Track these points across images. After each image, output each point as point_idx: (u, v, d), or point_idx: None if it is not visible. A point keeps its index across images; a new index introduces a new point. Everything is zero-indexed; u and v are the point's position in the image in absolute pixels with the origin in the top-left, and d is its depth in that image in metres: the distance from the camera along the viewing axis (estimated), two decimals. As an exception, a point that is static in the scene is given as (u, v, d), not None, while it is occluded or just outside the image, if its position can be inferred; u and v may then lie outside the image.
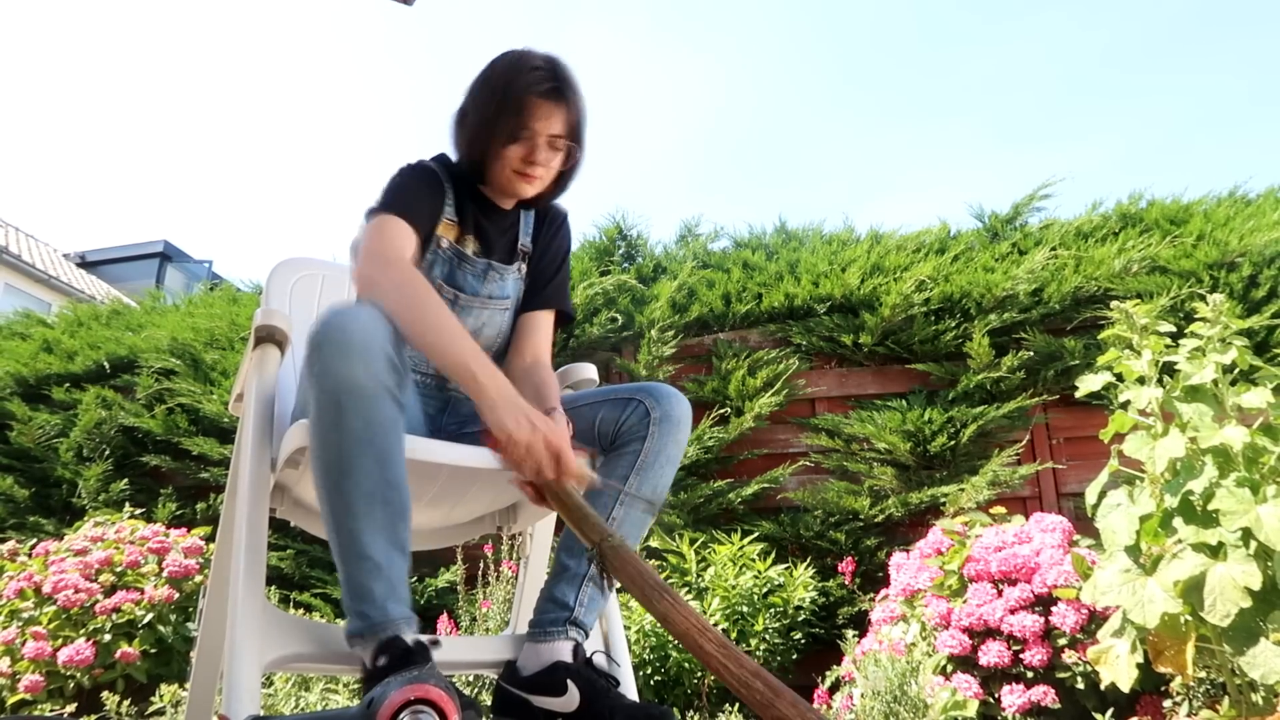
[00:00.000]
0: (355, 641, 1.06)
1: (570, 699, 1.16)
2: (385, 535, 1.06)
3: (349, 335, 1.04)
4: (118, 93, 73.34)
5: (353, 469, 1.05)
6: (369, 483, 1.05)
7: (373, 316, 1.08)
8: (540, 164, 1.33)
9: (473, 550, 2.93)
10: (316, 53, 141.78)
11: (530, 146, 1.32)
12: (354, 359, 1.03)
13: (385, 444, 1.06)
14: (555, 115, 1.32)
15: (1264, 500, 1.64)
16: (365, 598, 1.05)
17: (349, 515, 1.05)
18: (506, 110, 1.30)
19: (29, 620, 2.76)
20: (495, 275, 1.42)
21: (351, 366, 1.03)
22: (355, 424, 1.04)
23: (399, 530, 1.07)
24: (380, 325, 1.07)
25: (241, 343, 3.92)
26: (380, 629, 1.04)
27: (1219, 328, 1.88)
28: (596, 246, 3.99)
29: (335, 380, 1.03)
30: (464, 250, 1.39)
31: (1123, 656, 1.82)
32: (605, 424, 1.30)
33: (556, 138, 1.33)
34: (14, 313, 4.88)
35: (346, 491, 1.05)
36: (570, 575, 1.26)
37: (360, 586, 1.05)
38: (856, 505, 3.24)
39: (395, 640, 1.03)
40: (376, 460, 1.05)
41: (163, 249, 17.52)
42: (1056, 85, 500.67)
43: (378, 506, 1.05)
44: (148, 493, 3.81)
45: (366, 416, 1.04)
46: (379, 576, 1.05)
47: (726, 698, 2.64)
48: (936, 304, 3.49)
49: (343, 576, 1.08)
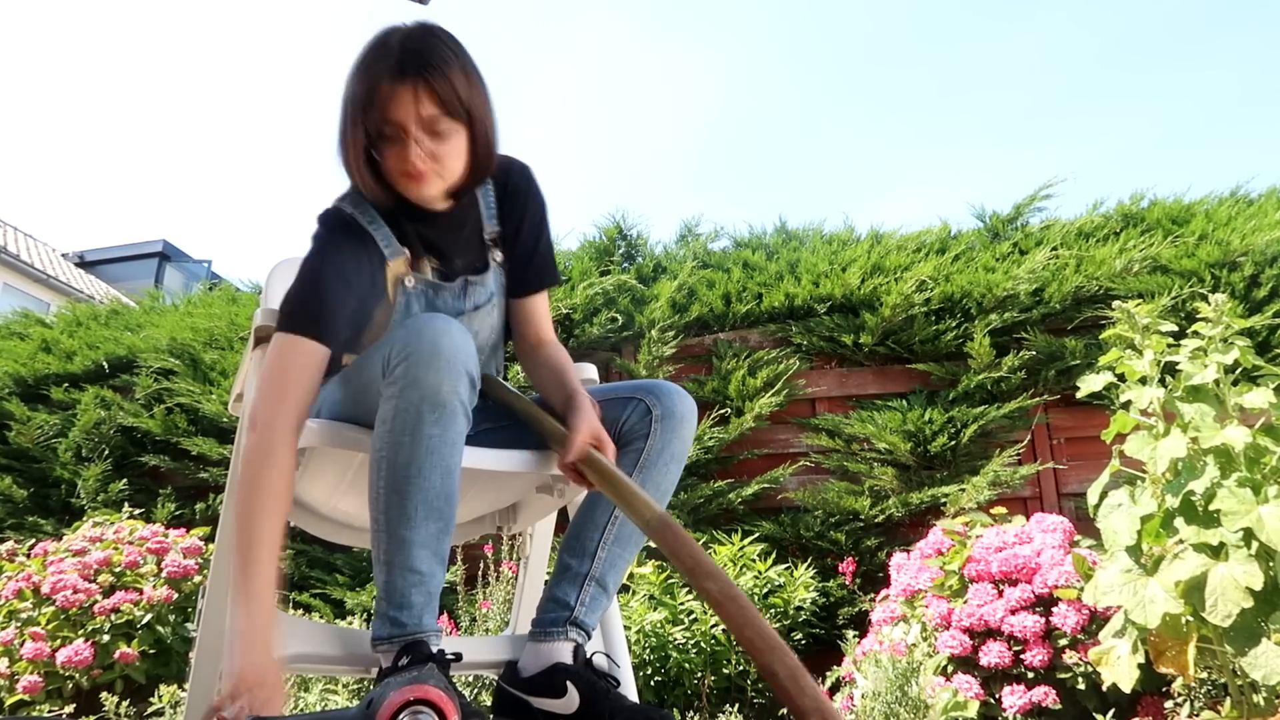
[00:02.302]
0: (382, 645, 1.07)
1: (570, 701, 1.15)
2: (433, 547, 1.08)
3: (439, 348, 1.05)
4: (117, 92, 73.33)
5: (420, 478, 1.06)
6: (432, 494, 1.07)
7: (462, 332, 1.09)
8: (424, 155, 1.14)
9: (473, 550, 2.93)
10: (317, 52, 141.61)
11: (399, 141, 1.14)
12: (442, 371, 1.05)
13: (452, 458, 1.09)
14: (416, 95, 1.11)
15: (1265, 500, 1.64)
16: (404, 606, 1.07)
17: (405, 524, 1.07)
18: (360, 109, 1.14)
19: (27, 621, 2.75)
20: (474, 286, 1.32)
21: (439, 377, 1.05)
22: (433, 434, 1.06)
23: (443, 543, 1.10)
24: (466, 341, 1.09)
25: (241, 342, 3.92)
26: (413, 639, 1.06)
27: (1221, 327, 1.87)
28: (596, 246, 3.98)
29: (421, 390, 1.05)
30: (429, 279, 1.28)
31: (1124, 657, 1.82)
32: (607, 423, 1.28)
33: (432, 118, 1.13)
34: (12, 312, 4.87)
35: (408, 500, 1.06)
36: (573, 575, 1.26)
37: (400, 594, 1.07)
38: (857, 505, 3.23)
39: (421, 644, 1.05)
40: (442, 473, 1.08)
41: (162, 249, 17.50)
42: (1057, 84, 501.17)
43: (433, 519, 1.08)
44: (147, 493, 3.81)
45: (445, 428, 1.07)
46: (421, 588, 1.08)
47: (726, 698, 2.64)
48: (937, 304, 3.49)
49: (382, 579, 1.09)
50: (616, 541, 1.26)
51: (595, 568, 1.25)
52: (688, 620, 2.66)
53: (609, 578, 1.26)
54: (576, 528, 1.29)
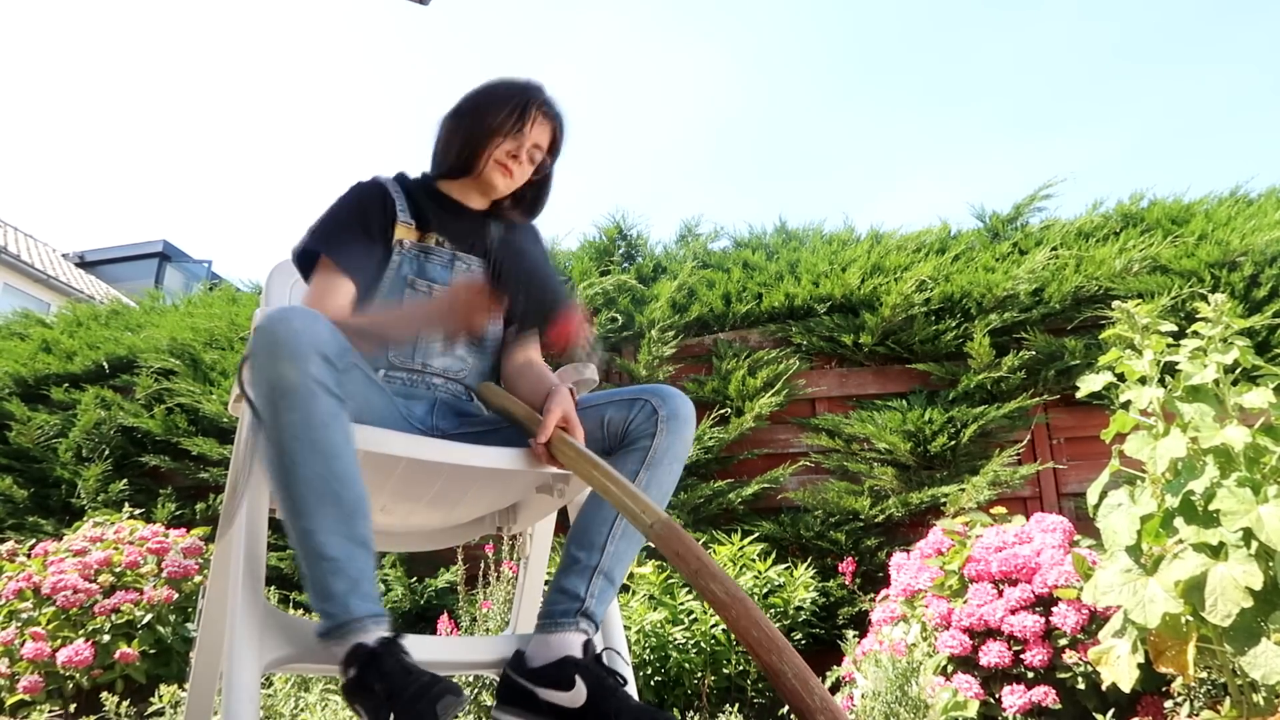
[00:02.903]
0: (325, 641, 1.06)
1: (577, 694, 1.15)
2: (341, 532, 1.06)
3: (276, 336, 1.06)
4: (117, 92, 73.34)
5: (296, 467, 1.05)
6: (316, 480, 1.05)
7: (304, 316, 1.09)
8: (521, 161, 1.46)
9: (473, 550, 2.92)
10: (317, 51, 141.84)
11: (518, 144, 1.45)
12: (281, 357, 1.05)
13: (327, 439, 1.06)
14: (545, 130, 1.49)
15: (1265, 500, 1.64)
16: (327, 596, 1.05)
17: (300, 515, 1.05)
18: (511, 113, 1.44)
19: (28, 621, 2.76)
20: (462, 265, 1.46)
21: (280, 365, 1.05)
22: (292, 420, 1.05)
23: (356, 525, 1.07)
24: (312, 323, 1.08)
25: (241, 343, 3.92)
26: (345, 629, 1.04)
27: (1220, 327, 1.87)
28: (596, 246, 3.98)
29: (268, 380, 1.05)
30: (427, 244, 1.45)
31: (1124, 657, 1.82)
32: (614, 424, 1.33)
33: (538, 149, 1.49)
34: (13, 312, 4.88)
35: (294, 491, 1.05)
36: (581, 567, 1.27)
37: (321, 585, 1.05)
38: (857, 505, 3.23)
39: (357, 649, 1.03)
40: (320, 456, 1.05)
41: (162, 249, 17.49)
42: (1064, 79, 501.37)
43: (328, 504, 1.05)
44: (147, 493, 3.81)
45: (304, 412, 1.05)
46: (339, 574, 1.05)
47: (726, 698, 2.64)
48: (937, 304, 3.49)
49: (305, 577, 1.07)
50: (624, 536, 1.28)
51: (604, 561, 1.27)
52: (688, 620, 2.66)
53: (616, 571, 1.28)
54: (584, 521, 1.31)
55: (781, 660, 0.88)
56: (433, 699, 0.95)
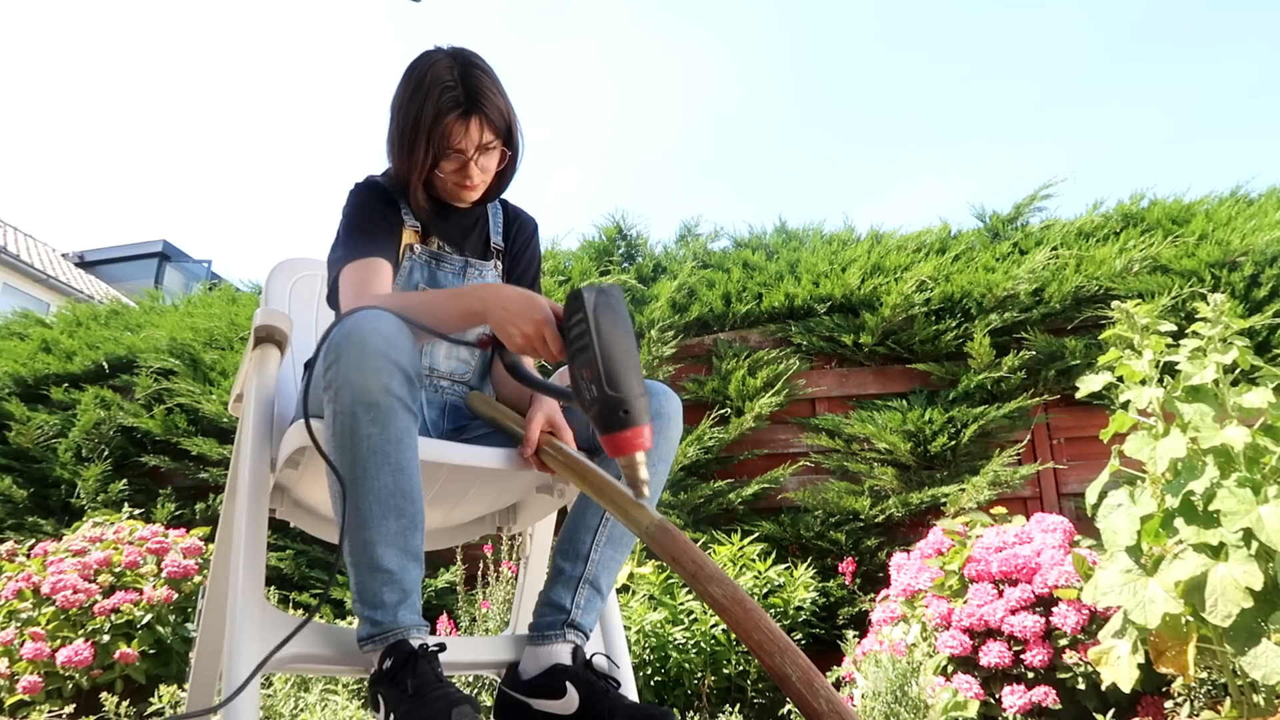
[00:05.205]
0: (366, 645, 1.08)
1: (569, 701, 1.16)
2: (399, 545, 1.08)
3: (368, 346, 1.05)
4: (117, 92, 73.31)
5: (368, 479, 1.06)
6: (384, 493, 1.07)
7: (393, 324, 1.08)
8: (478, 170, 1.34)
9: (473, 550, 2.93)
10: (317, 51, 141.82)
11: (460, 162, 1.32)
12: (370, 370, 1.04)
13: (400, 455, 1.07)
14: (476, 128, 1.30)
15: (1265, 501, 1.64)
16: (378, 605, 1.07)
17: (362, 526, 1.07)
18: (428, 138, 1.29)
19: (27, 621, 2.75)
20: (474, 271, 1.43)
21: (369, 377, 1.04)
22: (371, 433, 1.05)
23: (411, 539, 1.09)
24: (399, 334, 1.08)
25: (241, 343, 3.92)
26: (391, 635, 1.06)
27: (1220, 327, 1.87)
28: (596, 246, 3.98)
29: (352, 391, 1.05)
30: (435, 250, 1.40)
31: (1124, 657, 1.81)
32: None
33: (485, 145, 1.33)
34: (12, 312, 4.88)
35: (362, 501, 1.06)
36: (566, 578, 1.27)
37: (372, 594, 1.07)
38: (857, 505, 3.23)
39: (402, 644, 1.05)
40: (391, 471, 1.07)
41: (161, 249, 17.49)
42: (1064, 76, 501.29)
43: (391, 517, 1.07)
44: (146, 493, 3.81)
45: (383, 426, 1.06)
46: (392, 586, 1.07)
47: (726, 698, 2.64)
48: (937, 304, 3.49)
49: (354, 582, 1.09)
50: (609, 543, 1.28)
51: (589, 570, 1.26)
52: (688, 620, 2.66)
53: (602, 579, 1.28)
54: (569, 530, 1.30)
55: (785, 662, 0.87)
56: (451, 702, 0.96)
